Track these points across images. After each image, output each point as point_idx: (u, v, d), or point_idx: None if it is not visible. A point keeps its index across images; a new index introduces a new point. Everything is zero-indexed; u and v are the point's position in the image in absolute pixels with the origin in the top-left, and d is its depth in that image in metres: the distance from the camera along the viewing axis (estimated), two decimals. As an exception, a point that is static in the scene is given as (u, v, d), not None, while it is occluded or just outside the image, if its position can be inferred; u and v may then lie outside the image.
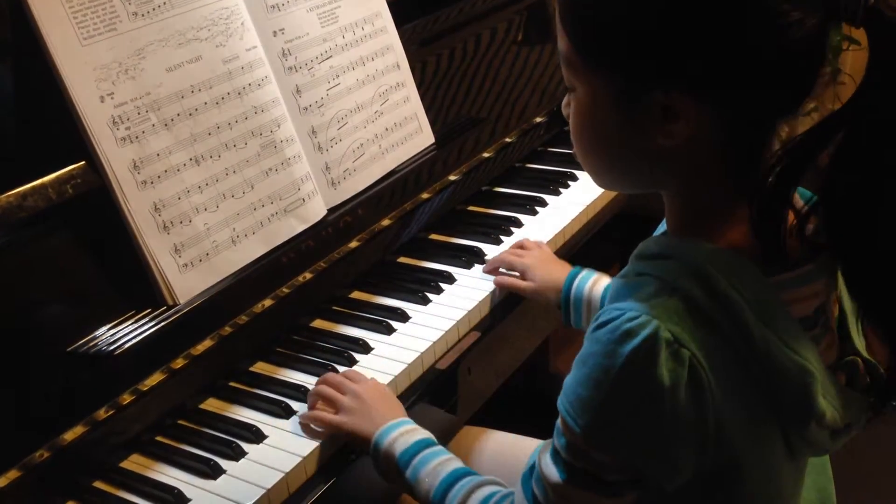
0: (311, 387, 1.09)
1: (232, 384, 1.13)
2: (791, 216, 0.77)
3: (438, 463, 0.94)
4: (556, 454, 0.78)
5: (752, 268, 0.72)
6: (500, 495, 0.87)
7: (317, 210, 1.25)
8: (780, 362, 0.72)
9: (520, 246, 1.35)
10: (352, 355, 1.16)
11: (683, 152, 0.74)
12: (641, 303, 0.72)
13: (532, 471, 0.81)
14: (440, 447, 0.98)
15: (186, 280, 1.07)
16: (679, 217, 0.79)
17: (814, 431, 0.75)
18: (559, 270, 1.26)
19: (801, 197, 0.80)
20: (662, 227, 0.83)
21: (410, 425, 1.00)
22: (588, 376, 0.73)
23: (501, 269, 1.33)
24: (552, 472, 0.77)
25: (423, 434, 0.99)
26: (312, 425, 1.04)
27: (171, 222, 1.07)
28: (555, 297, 1.24)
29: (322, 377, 1.09)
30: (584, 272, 1.23)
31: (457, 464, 0.95)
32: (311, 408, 1.06)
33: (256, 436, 1.03)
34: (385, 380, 1.11)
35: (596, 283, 1.20)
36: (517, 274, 1.30)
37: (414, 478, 0.94)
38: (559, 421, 0.76)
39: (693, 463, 0.73)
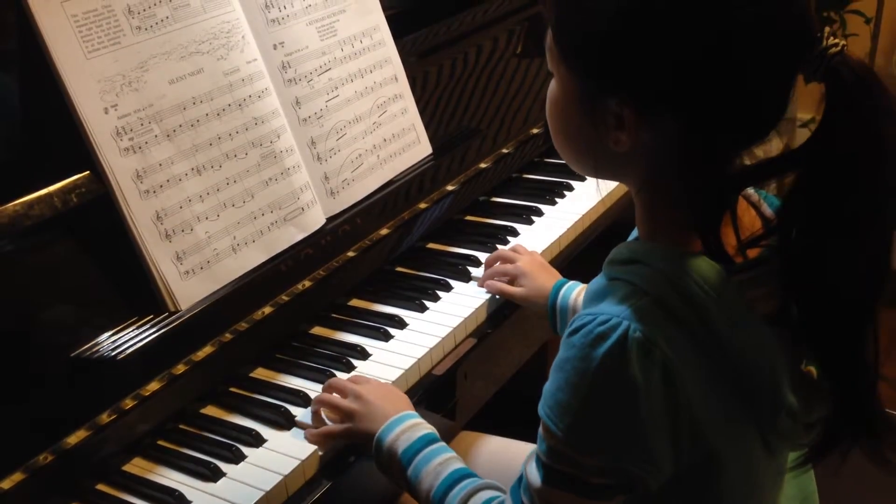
0: (310, 392, 1.11)
1: (232, 389, 1.15)
2: (751, 215, 0.80)
3: (440, 462, 0.95)
4: (538, 460, 0.79)
5: (716, 268, 0.75)
6: (496, 502, 0.88)
7: (316, 219, 1.27)
8: (746, 358, 0.75)
9: (513, 251, 1.37)
10: (350, 361, 1.18)
11: (639, 158, 0.77)
12: (613, 306, 0.74)
13: (521, 481, 0.83)
14: (442, 444, 0.98)
15: (188, 287, 1.09)
16: (646, 222, 0.82)
17: (785, 424, 0.77)
18: (548, 278, 1.28)
19: (768, 205, 0.82)
20: (635, 233, 0.86)
21: (413, 420, 1.01)
22: (565, 380, 0.75)
23: (496, 266, 1.34)
24: (535, 477, 0.79)
25: (426, 429, 1.00)
26: (316, 438, 1.04)
27: (173, 230, 1.09)
28: (543, 305, 1.26)
29: (326, 383, 1.10)
30: (570, 283, 1.25)
31: (458, 464, 0.95)
32: (314, 414, 1.07)
33: (256, 439, 1.05)
34: (382, 385, 1.13)
35: (581, 293, 1.22)
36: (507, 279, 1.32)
37: (415, 477, 0.95)
38: (541, 427, 0.78)
39: (671, 459, 0.76)
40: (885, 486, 0.81)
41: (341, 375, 1.15)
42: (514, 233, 1.51)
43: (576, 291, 1.23)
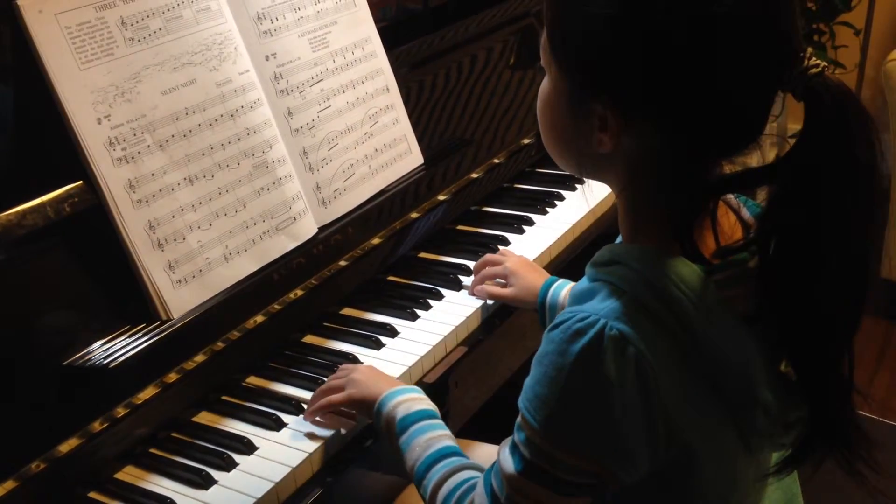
0: (301, 400, 1.12)
1: (224, 397, 1.15)
2: (729, 218, 0.82)
3: (432, 437, 0.97)
4: (514, 447, 0.80)
5: (694, 270, 0.76)
6: (472, 482, 0.89)
7: (308, 228, 1.28)
8: (722, 356, 0.76)
9: (500, 254, 1.39)
10: (341, 369, 1.19)
11: (621, 160, 0.79)
12: (594, 305, 0.76)
13: (494, 465, 0.84)
14: (439, 421, 1.00)
15: (180, 296, 1.10)
16: (627, 224, 0.84)
17: (762, 422, 0.78)
18: (537, 277, 1.30)
19: (748, 209, 0.84)
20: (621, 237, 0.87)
21: (417, 394, 1.04)
22: (543, 374, 0.77)
23: (484, 270, 1.35)
24: (509, 464, 0.80)
25: (427, 405, 1.02)
26: (320, 416, 1.08)
27: (166, 240, 1.10)
28: (532, 303, 1.28)
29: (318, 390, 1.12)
30: (560, 281, 1.27)
31: (449, 441, 0.97)
32: (313, 402, 1.09)
33: (248, 447, 1.05)
34: (374, 393, 1.14)
35: (570, 291, 1.24)
36: (502, 281, 1.34)
37: (406, 445, 0.97)
38: (519, 417, 0.80)
39: (647, 457, 0.77)
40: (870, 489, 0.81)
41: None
42: (506, 242, 1.52)
43: (566, 289, 1.25)
